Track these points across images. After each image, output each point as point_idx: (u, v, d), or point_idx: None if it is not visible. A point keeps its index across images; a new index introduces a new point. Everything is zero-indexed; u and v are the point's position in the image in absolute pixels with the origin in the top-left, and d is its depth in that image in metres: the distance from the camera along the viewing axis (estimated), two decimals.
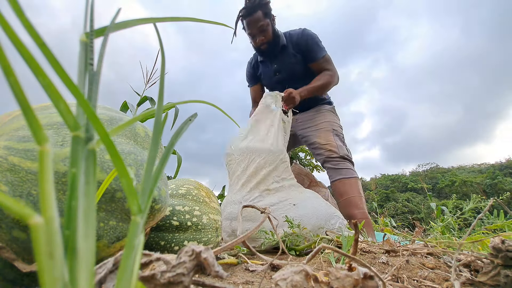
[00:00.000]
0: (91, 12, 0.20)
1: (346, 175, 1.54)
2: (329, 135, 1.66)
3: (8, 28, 0.14)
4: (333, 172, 1.59)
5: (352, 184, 1.52)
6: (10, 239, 0.39)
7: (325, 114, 1.77)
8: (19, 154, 0.40)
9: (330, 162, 1.60)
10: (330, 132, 1.68)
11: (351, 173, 1.55)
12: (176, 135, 0.24)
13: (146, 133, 0.56)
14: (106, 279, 0.24)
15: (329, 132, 1.68)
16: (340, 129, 1.76)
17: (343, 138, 1.72)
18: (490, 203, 0.65)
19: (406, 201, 28.76)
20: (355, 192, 1.49)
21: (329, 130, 1.69)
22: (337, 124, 1.77)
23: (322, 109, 1.80)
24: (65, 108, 0.16)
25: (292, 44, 1.77)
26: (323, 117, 1.76)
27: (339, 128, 1.75)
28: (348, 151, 1.64)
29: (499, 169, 48.93)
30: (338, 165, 1.57)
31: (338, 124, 1.78)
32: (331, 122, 1.74)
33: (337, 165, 1.57)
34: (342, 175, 1.54)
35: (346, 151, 1.62)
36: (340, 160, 1.58)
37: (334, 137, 1.66)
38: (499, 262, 0.40)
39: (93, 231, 0.16)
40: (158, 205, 0.52)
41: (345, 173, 1.55)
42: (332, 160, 1.59)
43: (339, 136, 1.69)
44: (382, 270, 0.57)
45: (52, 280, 0.13)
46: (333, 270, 0.28)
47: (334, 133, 1.68)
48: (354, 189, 1.50)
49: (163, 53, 0.24)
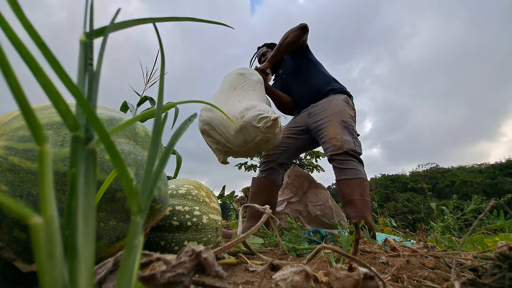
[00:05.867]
0: (91, 12, 0.20)
1: (349, 176, 1.46)
2: (337, 128, 1.58)
3: (8, 28, 0.14)
4: (337, 171, 1.52)
5: (354, 186, 1.43)
6: (10, 239, 0.39)
7: (336, 105, 1.69)
8: (19, 154, 0.40)
9: (335, 160, 1.52)
10: (338, 124, 1.59)
11: (355, 173, 1.46)
12: (176, 135, 0.24)
13: (146, 133, 0.56)
14: (106, 279, 0.24)
15: (337, 124, 1.59)
16: (351, 120, 1.66)
17: (353, 130, 1.62)
18: (491, 204, 0.65)
19: (406, 201, 28.77)
20: (356, 194, 1.41)
21: (337, 121, 1.60)
22: (348, 115, 1.66)
23: (333, 99, 1.73)
24: (65, 108, 0.16)
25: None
26: (334, 108, 1.67)
27: (350, 120, 1.65)
28: (356, 144, 1.54)
29: (499, 169, 48.90)
30: (342, 164, 1.49)
31: (350, 115, 1.68)
32: (341, 113, 1.65)
33: (341, 164, 1.50)
34: (345, 175, 1.47)
35: (353, 145, 1.52)
36: (345, 158, 1.49)
37: (342, 129, 1.57)
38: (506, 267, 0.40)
39: (93, 231, 0.16)
40: (158, 205, 0.52)
41: (348, 173, 1.47)
42: (337, 158, 1.51)
43: (348, 128, 1.59)
44: (382, 270, 0.57)
45: (52, 280, 0.13)
46: (333, 270, 0.28)
47: (343, 125, 1.59)
48: (356, 191, 1.42)
49: (163, 53, 0.24)
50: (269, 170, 1.81)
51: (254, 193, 1.81)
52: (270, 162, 1.82)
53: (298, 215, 2.11)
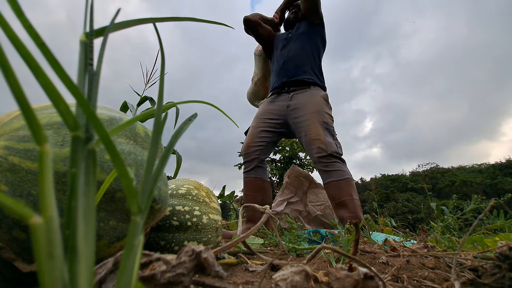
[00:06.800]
0: (91, 12, 0.20)
1: (336, 178, 1.49)
2: (319, 129, 1.59)
3: (8, 28, 0.14)
4: (323, 174, 1.55)
5: (342, 187, 1.47)
6: (10, 239, 0.39)
7: (316, 103, 1.69)
8: (19, 154, 0.40)
9: (320, 163, 1.55)
10: (320, 125, 1.61)
11: (341, 174, 1.50)
12: (176, 135, 0.24)
13: (146, 133, 0.56)
14: (106, 279, 0.24)
15: (318, 125, 1.61)
16: (330, 121, 1.68)
17: (333, 131, 1.65)
18: (491, 203, 0.65)
19: (406, 201, 28.77)
20: (345, 195, 1.45)
21: (319, 122, 1.62)
22: (327, 114, 1.68)
23: (314, 94, 1.73)
24: (65, 108, 0.16)
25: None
26: (314, 106, 1.68)
27: (330, 120, 1.67)
28: (337, 146, 1.57)
29: (499, 169, 48.91)
30: (328, 166, 1.53)
31: (329, 114, 1.70)
32: (321, 112, 1.66)
33: (326, 166, 1.53)
34: (332, 177, 1.50)
35: (335, 147, 1.56)
36: (330, 161, 1.53)
37: (324, 131, 1.59)
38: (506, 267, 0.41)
39: (93, 231, 0.16)
40: (158, 205, 0.52)
41: (335, 175, 1.50)
42: (321, 161, 1.54)
43: (329, 129, 1.62)
44: (382, 270, 0.57)
45: (52, 280, 0.13)
46: (333, 270, 0.28)
47: (324, 126, 1.61)
48: (344, 192, 1.46)
49: (163, 53, 0.24)
50: (255, 169, 1.79)
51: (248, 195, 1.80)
52: (253, 161, 1.79)
53: (298, 215, 2.11)
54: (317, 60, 1.90)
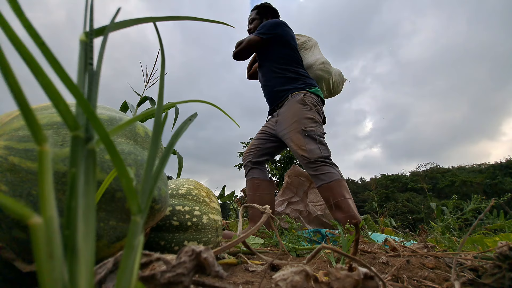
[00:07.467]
0: (91, 11, 0.20)
1: (325, 180, 1.52)
2: (300, 139, 1.64)
3: (8, 28, 0.14)
4: (314, 178, 1.59)
5: (333, 188, 1.49)
6: (10, 239, 0.39)
7: (294, 112, 1.71)
8: (19, 154, 0.40)
9: (308, 169, 1.60)
10: (300, 135, 1.64)
11: (330, 176, 1.52)
12: (176, 135, 0.24)
13: (146, 133, 0.56)
14: (106, 279, 0.24)
15: (298, 135, 1.65)
16: (310, 123, 1.67)
17: (316, 135, 1.64)
18: (491, 203, 0.65)
19: (406, 201, 28.76)
20: (338, 196, 1.47)
21: (298, 131, 1.65)
22: (306, 119, 1.68)
23: (291, 103, 1.76)
24: (65, 108, 0.16)
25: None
26: (292, 117, 1.71)
27: (309, 123, 1.67)
28: (321, 150, 1.59)
29: (499, 169, 48.90)
30: (316, 170, 1.56)
31: (308, 117, 1.69)
32: (299, 120, 1.67)
33: (315, 170, 1.56)
34: (322, 180, 1.53)
35: (319, 151, 1.58)
36: (316, 165, 1.56)
37: (305, 138, 1.62)
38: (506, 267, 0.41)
39: (93, 231, 0.16)
40: (158, 205, 0.52)
41: (324, 177, 1.53)
42: (309, 166, 1.58)
43: (309, 135, 1.63)
44: (382, 270, 0.57)
45: (52, 280, 0.13)
46: (333, 270, 0.28)
47: (304, 134, 1.64)
48: (336, 193, 1.48)
49: (163, 53, 0.24)
50: (250, 171, 1.88)
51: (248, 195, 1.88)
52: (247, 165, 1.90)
53: (299, 215, 2.11)
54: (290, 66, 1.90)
